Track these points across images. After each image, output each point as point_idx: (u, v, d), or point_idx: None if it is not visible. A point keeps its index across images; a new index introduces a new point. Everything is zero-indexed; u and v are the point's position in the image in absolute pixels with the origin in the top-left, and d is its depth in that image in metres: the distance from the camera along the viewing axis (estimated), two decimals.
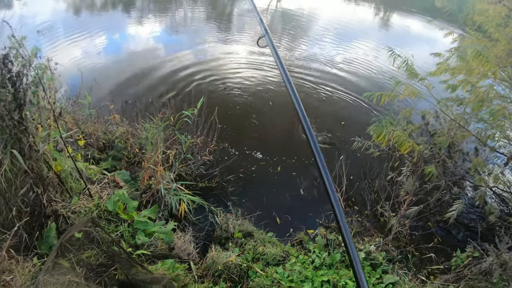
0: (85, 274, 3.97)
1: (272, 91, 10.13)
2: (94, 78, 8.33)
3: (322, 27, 17.58)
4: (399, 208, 6.11)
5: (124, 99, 8.26)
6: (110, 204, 4.60)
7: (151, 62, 10.94)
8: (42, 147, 4.30)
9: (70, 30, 12.39)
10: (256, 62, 12.04)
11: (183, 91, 9.28)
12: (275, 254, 5.05)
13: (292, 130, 8.26)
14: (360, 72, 12.52)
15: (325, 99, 10.15)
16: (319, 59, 13.19)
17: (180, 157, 5.96)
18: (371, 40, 16.32)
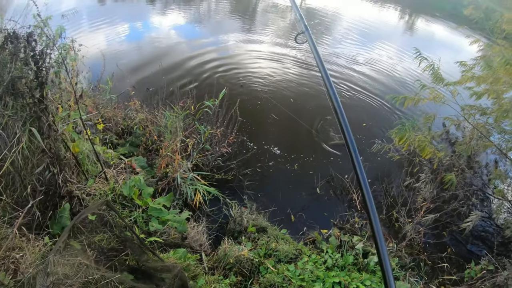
0: (96, 257, 3.95)
1: (293, 88, 10.07)
2: (116, 64, 8.35)
3: (346, 27, 17.47)
4: (415, 214, 6.03)
5: (145, 87, 8.27)
6: (125, 189, 4.58)
7: (174, 52, 10.94)
8: (61, 127, 4.29)
9: (95, 17, 12.45)
10: (279, 57, 11.98)
11: (205, 82, 9.26)
12: (288, 252, 4.99)
13: (311, 128, 8.17)
14: (383, 73, 12.41)
15: (348, 99, 10.06)
16: (342, 58, 13.10)
17: (198, 147, 5.93)
18: (395, 42, 16.19)
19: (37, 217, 4.03)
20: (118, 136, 6.27)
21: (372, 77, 11.90)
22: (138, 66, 9.52)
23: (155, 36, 12.16)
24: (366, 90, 10.78)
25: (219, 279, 4.35)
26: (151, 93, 7.71)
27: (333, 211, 6.23)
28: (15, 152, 3.77)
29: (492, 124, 6.49)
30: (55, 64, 4.39)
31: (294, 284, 4.53)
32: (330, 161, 7.36)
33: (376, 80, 11.77)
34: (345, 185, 6.65)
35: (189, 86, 8.35)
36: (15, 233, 3.29)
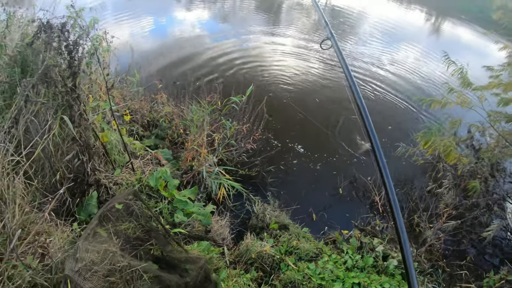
0: (122, 245, 4.01)
1: (320, 88, 10.05)
2: (145, 57, 8.44)
3: (371, 27, 17.38)
4: (436, 220, 6.00)
5: (172, 80, 8.33)
6: (152, 180, 4.64)
7: (200, 47, 11.00)
8: (91, 116, 4.37)
9: (122, 11, 12.61)
10: (305, 57, 11.97)
11: (231, 78, 9.28)
12: (308, 250, 5.01)
13: (335, 128, 8.16)
14: (409, 75, 12.34)
15: (373, 100, 10.03)
16: (367, 58, 13.06)
17: (224, 142, 5.98)
18: (421, 44, 16.02)
19: (66, 203, 4.12)
20: (143, 128, 6.35)
21: (397, 78, 11.82)
22: (165, 60, 9.60)
23: (181, 31, 12.25)
24: (392, 91, 10.71)
25: (240, 273, 4.39)
26: (178, 87, 7.75)
27: (354, 213, 6.22)
28: (47, 139, 3.85)
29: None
30: (87, 55, 4.46)
31: (314, 283, 4.55)
32: (354, 162, 7.34)
33: (401, 81, 11.68)
34: (367, 187, 6.63)
35: (216, 81, 8.38)
36: (45, 218, 3.37)
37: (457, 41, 18.33)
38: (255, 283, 4.40)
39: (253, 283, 4.35)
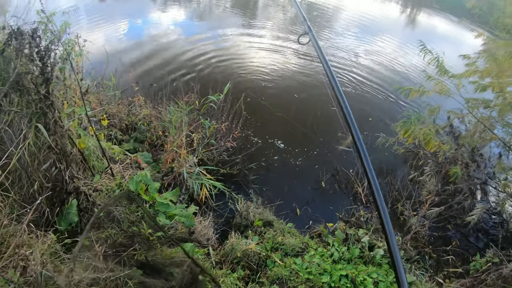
0: (104, 252, 3.96)
1: (299, 82, 10.06)
2: (119, 59, 8.35)
3: (347, 20, 17.50)
4: (419, 208, 6.06)
5: (149, 82, 8.26)
6: (132, 184, 4.58)
7: (176, 47, 10.92)
8: (67, 123, 4.30)
9: (95, 13, 12.40)
10: (283, 52, 11.98)
11: (209, 77, 9.22)
12: (294, 245, 5.02)
13: (314, 123, 8.16)
14: (386, 66, 12.46)
15: (353, 92, 10.11)
16: (345, 51, 13.16)
17: (204, 141, 5.94)
18: (397, 35, 16.18)
19: (45, 213, 4.05)
20: (122, 132, 6.28)
21: (375, 70, 11.93)
22: (140, 62, 9.51)
23: (156, 32, 12.12)
24: (370, 82, 10.81)
25: (227, 273, 4.38)
26: (155, 89, 7.68)
27: (338, 205, 6.25)
28: (22, 149, 3.78)
29: (496, 117, 6.50)
30: (60, 60, 4.39)
31: (302, 277, 4.55)
32: (335, 155, 7.36)
33: (379, 72, 11.80)
34: (350, 179, 6.65)
35: (193, 81, 8.31)
36: (23, 230, 3.30)
37: (433, 31, 18.58)
38: (243, 281, 4.38)
39: (240, 282, 4.33)
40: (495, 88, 6.26)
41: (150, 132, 6.17)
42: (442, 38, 16.65)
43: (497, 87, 6.25)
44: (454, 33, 18.29)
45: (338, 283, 4.61)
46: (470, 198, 6.52)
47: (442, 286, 5.12)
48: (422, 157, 6.94)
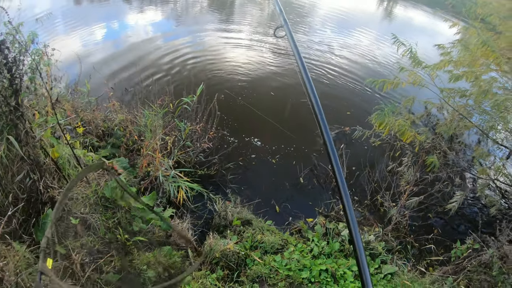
0: (81, 260, 3.97)
1: (274, 81, 10.06)
2: (93, 66, 8.29)
3: (324, 14, 17.63)
4: (399, 198, 6.09)
5: (124, 87, 8.20)
6: (107, 190, 4.56)
7: (151, 50, 10.85)
8: (39, 133, 4.28)
9: (70, 18, 12.28)
10: (259, 50, 12.01)
11: (184, 79, 9.16)
12: (274, 242, 5.03)
13: (290, 119, 8.18)
14: (363, 59, 12.57)
15: (330, 86, 10.21)
16: (322, 45, 13.28)
17: (179, 144, 5.94)
18: (374, 29, 16.36)
19: (20, 225, 4.03)
20: (99, 139, 6.23)
21: (353, 63, 12.04)
22: (116, 67, 9.41)
23: (131, 34, 12.03)
24: (348, 76, 10.90)
25: (206, 274, 4.38)
26: (130, 93, 7.65)
27: (317, 200, 6.28)
28: None
29: (472, 105, 6.57)
30: (29, 71, 4.36)
31: (281, 274, 4.58)
32: (312, 150, 7.38)
33: (357, 65, 11.92)
34: (328, 173, 6.69)
35: (167, 83, 8.30)
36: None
37: (409, 23, 18.78)
38: (222, 282, 4.39)
39: (220, 282, 4.34)
40: (468, 77, 6.32)
41: (126, 137, 6.13)
42: (419, 30, 16.93)
43: (471, 76, 6.32)
44: (430, 24, 18.51)
45: (318, 278, 4.64)
46: (450, 186, 6.57)
47: (424, 274, 5.16)
48: (399, 148, 6.98)
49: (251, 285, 4.44)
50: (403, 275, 4.93)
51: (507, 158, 6.84)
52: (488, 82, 6.24)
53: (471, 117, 6.67)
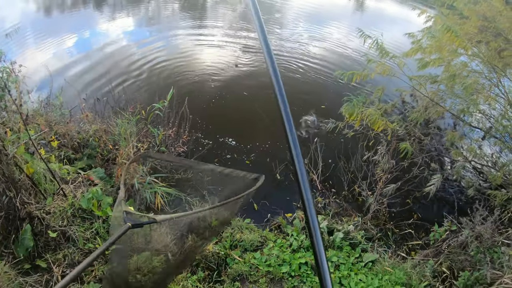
0: (62, 272, 4.02)
1: (247, 80, 10.14)
2: (64, 78, 8.26)
3: (296, 10, 17.71)
4: (376, 187, 6.18)
5: (96, 97, 8.16)
6: (84, 202, 4.60)
7: (123, 57, 10.83)
8: (11, 150, 4.29)
9: (41, 30, 12.16)
10: (231, 50, 12.10)
11: (155, 84, 9.18)
12: (253, 240, 5.10)
13: (264, 117, 8.23)
14: (336, 51, 12.77)
15: (304, 79, 10.32)
16: (295, 39, 13.47)
17: (154, 150, 5.97)
18: (347, 22, 16.53)
19: (3, 242, 4.08)
20: (74, 151, 6.22)
21: (325, 56, 12.17)
22: (87, 77, 9.37)
23: (102, 43, 11.95)
24: (321, 69, 11.02)
25: (187, 276, 4.43)
26: (103, 103, 7.63)
27: (295, 194, 6.30)
28: None
29: (444, 90, 6.69)
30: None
31: (262, 271, 4.65)
32: (286, 146, 7.41)
33: (329, 58, 12.05)
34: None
35: (138, 90, 8.29)
36: None
37: (381, 14, 18.96)
38: (204, 282, 4.45)
39: (201, 283, 4.40)
40: (436, 64, 6.44)
41: (101, 147, 6.14)
42: (391, 20, 17.09)
43: (438, 63, 6.44)
44: (401, 13, 18.69)
45: (298, 271, 4.73)
46: (426, 171, 6.69)
47: (406, 259, 5.25)
48: (372, 137, 7.06)
49: (233, 283, 4.50)
50: (384, 262, 5.03)
51: (482, 139, 6.99)
52: (458, 66, 6.38)
53: (444, 102, 6.79)
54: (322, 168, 6.57)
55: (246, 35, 13.16)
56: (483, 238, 4.73)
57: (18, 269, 3.97)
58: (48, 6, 15.23)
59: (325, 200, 6.22)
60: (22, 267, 4.04)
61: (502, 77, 6.36)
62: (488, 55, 6.58)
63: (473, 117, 6.93)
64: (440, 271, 4.82)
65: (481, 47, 6.96)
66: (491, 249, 4.57)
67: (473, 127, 6.94)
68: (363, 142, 7.17)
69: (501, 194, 5.59)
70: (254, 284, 4.51)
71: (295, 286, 4.55)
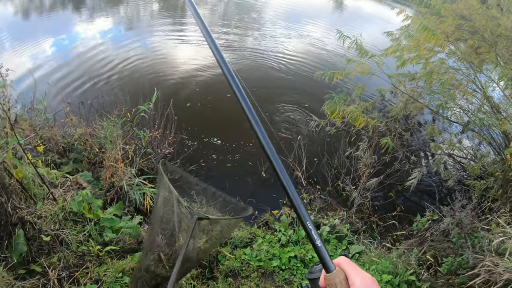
0: (58, 275, 4.06)
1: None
2: (47, 82, 8.21)
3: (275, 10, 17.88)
4: (359, 181, 6.33)
5: (80, 100, 8.07)
6: (74, 205, 4.63)
7: (105, 59, 10.80)
8: (1, 155, 4.31)
9: (20, 34, 12.06)
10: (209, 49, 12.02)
11: (139, 86, 8.88)
12: (242, 237, 5.20)
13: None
14: (318, 50, 12.91)
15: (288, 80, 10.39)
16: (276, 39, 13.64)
17: (140, 152, 6.01)
18: (327, 21, 16.70)
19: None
20: (60, 155, 6.21)
21: (307, 55, 12.35)
22: (70, 81, 9.33)
23: (83, 45, 11.86)
24: (303, 68, 11.18)
25: None
26: (87, 106, 7.62)
27: (281, 191, 6.28)
28: None
29: (422, 87, 6.88)
30: None
31: (253, 266, 4.75)
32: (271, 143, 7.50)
33: (311, 57, 12.20)
34: (288, 164, 6.84)
35: (122, 92, 8.27)
36: None
37: (359, 13, 19.20)
38: (197, 280, 4.53)
39: (195, 281, 4.48)
40: (413, 62, 6.62)
41: (87, 151, 6.15)
42: (370, 19, 17.32)
43: (415, 61, 6.61)
44: (381, 12, 18.97)
45: (288, 264, 4.84)
46: (407, 165, 6.87)
47: (391, 250, 5.41)
48: (354, 134, 7.21)
49: (225, 279, 4.59)
50: (371, 253, 5.19)
51: (461, 133, 7.21)
52: (435, 64, 6.57)
53: (424, 99, 6.98)
54: (306, 165, 6.68)
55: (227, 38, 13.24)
56: (463, 224, 4.89)
57: (13, 274, 3.99)
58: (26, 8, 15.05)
59: (311, 196, 6.35)
60: (17, 272, 4.06)
61: (479, 73, 6.56)
62: (465, 52, 6.79)
63: (451, 112, 7.13)
64: (425, 259, 4.96)
65: (459, 44, 7.17)
66: (472, 235, 4.73)
67: (452, 121, 7.15)
68: (345, 139, 7.31)
69: (479, 184, 5.79)
70: (246, 279, 4.60)
71: (286, 279, 4.66)
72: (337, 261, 1.16)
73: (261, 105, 8.55)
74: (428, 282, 4.59)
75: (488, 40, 6.70)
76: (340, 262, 1.15)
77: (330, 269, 1.13)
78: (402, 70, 6.76)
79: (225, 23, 15.06)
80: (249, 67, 10.83)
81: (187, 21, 14.99)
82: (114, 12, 15.85)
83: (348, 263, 1.14)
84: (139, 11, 16.42)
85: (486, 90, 6.47)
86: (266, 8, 18.45)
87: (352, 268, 1.11)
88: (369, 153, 6.46)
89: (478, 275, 4.07)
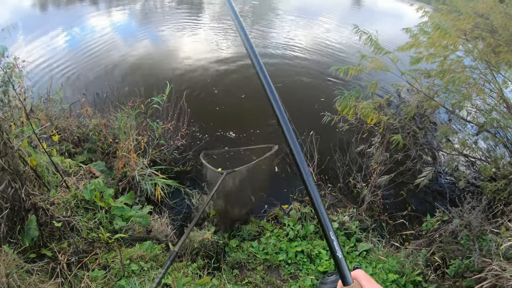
0: (67, 260, 4.14)
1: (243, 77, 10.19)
2: (65, 73, 8.33)
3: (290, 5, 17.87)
4: (370, 179, 6.29)
5: (96, 91, 8.21)
6: (86, 193, 4.72)
7: (120, 52, 10.97)
8: (16, 143, 4.40)
9: (37, 27, 12.20)
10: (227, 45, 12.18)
11: (153, 79, 8.95)
12: (251, 230, 5.26)
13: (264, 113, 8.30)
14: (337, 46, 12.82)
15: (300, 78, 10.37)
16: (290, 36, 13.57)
17: (153, 143, 6.08)
18: (345, 17, 16.59)
19: (6, 232, 4.18)
20: (75, 145, 6.32)
21: (323, 51, 12.25)
22: (86, 72, 9.42)
23: (99, 39, 11.96)
24: (318, 63, 11.16)
25: (187, 264, 4.56)
26: (102, 98, 7.70)
27: (291, 187, 6.46)
28: None
29: (439, 84, 6.80)
30: (1, 84, 4.49)
31: (259, 259, 4.79)
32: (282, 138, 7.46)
33: (327, 53, 12.12)
34: None
35: (137, 85, 8.33)
36: None
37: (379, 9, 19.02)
38: (203, 270, 4.58)
39: (201, 271, 4.53)
40: (428, 59, 6.56)
41: (101, 141, 6.23)
42: (390, 15, 17.16)
43: (430, 58, 6.55)
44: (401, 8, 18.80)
45: (294, 259, 4.88)
46: (420, 163, 6.81)
47: (399, 249, 5.39)
48: (366, 130, 7.15)
49: (231, 271, 4.65)
50: (378, 251, 5.17)
51: (477, 134, 7.12)
52: (451, 62, 6.51)
53: (439, 97, 6.91)
54: (318, 160, 6.66)
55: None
56: (472, 226, 4.84)
57: (24, 258, 4.09)
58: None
59: (321, 192, 6.34)
60: (28, 256, 4.16)
61: (496, 73, 6.48)
62: (482, 51, 6.70)
63: (466, 111, 7.04)
64: (433, 260, 4.92)
65: (477, 43, 7.08)
66: (480, 237, 4.68)
67: (467, 121, 7.06)
68: (357, 135, 7.26)
69: (491, 186, 5.71)
70: (252, 272, 4.65)
71: (291, 273, 4.70)
72: (354, 274, 1.19)
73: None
74: (435, 284, 4.55)
75: (506, 40, 6.59)
76: (357, 275, 1.18)
77: (348, 282, 1.16)
78: (416, 66, 6.70)
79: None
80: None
81: (203, 15, 15.02)
82: (131, 5, 15.95)
83: (365, 277, 1.17)
84: (156, 4, 16.49)
85: (503, 91, 6.38)
86: (282, 3, 18.39)
87: (370, 284, 1.14)
88: (382, 150, 6.42)
89: (485, 279, 4.03)
